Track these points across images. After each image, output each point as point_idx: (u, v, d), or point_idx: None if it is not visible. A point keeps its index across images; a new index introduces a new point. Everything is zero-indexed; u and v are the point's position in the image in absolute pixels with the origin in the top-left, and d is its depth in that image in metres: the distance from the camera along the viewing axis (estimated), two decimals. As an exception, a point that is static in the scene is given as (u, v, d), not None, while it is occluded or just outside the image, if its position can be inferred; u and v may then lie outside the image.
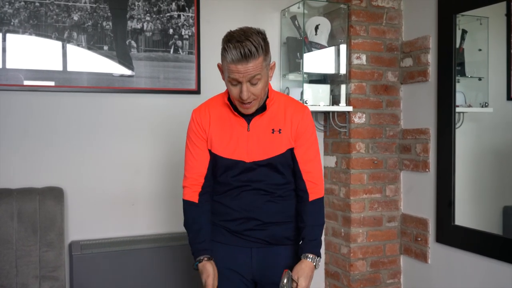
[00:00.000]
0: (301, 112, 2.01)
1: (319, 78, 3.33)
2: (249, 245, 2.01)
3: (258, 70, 1.81)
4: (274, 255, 2.02)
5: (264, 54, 1.84)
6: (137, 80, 2.96)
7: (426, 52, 3.03)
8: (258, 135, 1.96)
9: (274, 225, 2.00)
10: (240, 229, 2.00)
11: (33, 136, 2.78)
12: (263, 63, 1.84)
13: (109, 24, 2.90)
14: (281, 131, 1.97)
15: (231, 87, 1.87)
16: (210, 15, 3.10)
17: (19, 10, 2.72)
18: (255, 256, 2.02)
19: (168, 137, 3.03)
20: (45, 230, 2.62)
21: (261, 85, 1.86)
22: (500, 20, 2.79)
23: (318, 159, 2.06)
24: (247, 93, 1.83)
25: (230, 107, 1.98)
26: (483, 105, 2.85)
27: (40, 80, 2.77)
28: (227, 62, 1.80)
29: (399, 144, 3.27)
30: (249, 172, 1.96)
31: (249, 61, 1.78)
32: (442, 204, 2.92)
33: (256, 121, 1.97)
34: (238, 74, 1.80)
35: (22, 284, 2.56)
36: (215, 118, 2.00)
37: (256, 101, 1.89)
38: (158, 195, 3.04)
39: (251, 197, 1.98)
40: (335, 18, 3.24)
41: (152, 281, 2.85)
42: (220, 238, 2.05)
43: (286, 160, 1.99)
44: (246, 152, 1.96)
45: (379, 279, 3.24)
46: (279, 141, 1.96)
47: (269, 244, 2.01)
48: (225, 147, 1.97)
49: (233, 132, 1.97)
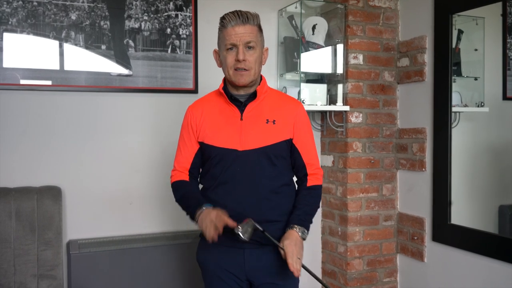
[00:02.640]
0: (298, 106, 2.08)
1: (316, 77, 3.34)
2: (241, 246, 1.98)
3: (253, 38, 1.95)
4: (267, 255, 2.00)
5: (258, 29, 1.99)
6: (134, 80, 2.96)
7: (422, 52, 3.04)
8: (252, 124, 1.99)
9: (268, 224, 1.95)
10: (231, 229, 1.95)
11: (31, 135, 2.78)
12: (258, 35, 1.99)
13: (107, 23, 2.91)
14: (276, 122, 2.00)
15: (227, 56, 1.96)
16: (208, 15, 3.10)
17: (17, 9, 2.72)
18: (248, 257, 2.00)
19: (165, 137, 3.04)
20: (43, 229, 2.63)
21: (256, 55, 1.97)
22: (496, 20, 2.80)
23: (316, 151, 2.13)
24: (243, 54, 1.93)
25: (224, 95, 2.03)
26: (479, 104, 2.87)
27: (37, 80, 2.77)
28: (225, 29, 1.95)
29: (395, 144, 3.28)
30: (242, 162, 1.96)
31: (246, 25, 1.94)
32: (438, 203, 2.93)
33: (249, 111, 2.00)
34: (235, 36, 1.92)
35: (20, 283, 2.56)
36: (208, 111, 2.06)
37: (250, 72, 1.96)
38: (156, 194, 3.05)
39: (243, 192, 1.97)
40: (332, 18, 3.25)
41: (150, 279, 2.86)
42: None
43: (280, 151, 2.00)
44: (239, 141, 1.97)
45: (376, 278, 3.26)
46: (274, 132, 1.99)
47: (262, 245, 1.99)
48: (218, 137, 2.00)
49: (227, 122, 2.01)
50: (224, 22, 1.95)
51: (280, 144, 1.99)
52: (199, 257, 2.15)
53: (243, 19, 1.93)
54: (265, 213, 1.98)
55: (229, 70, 1.97)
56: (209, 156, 2.03)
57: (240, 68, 1.94)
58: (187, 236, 2.98)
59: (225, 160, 1.98)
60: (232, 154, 1.97)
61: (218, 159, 1.99)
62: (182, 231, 3.05)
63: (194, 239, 2.96)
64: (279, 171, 2.01)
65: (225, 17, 1.95)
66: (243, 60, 1.93)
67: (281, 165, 2.02)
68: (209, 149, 2.02)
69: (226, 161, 1.98)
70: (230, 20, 1.93)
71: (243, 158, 1.96)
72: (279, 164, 2.01)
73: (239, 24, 1.93)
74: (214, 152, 2.00)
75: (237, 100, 2.02)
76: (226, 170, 1.98)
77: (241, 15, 1.93)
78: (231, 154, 1.97)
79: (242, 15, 1.93)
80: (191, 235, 2.99)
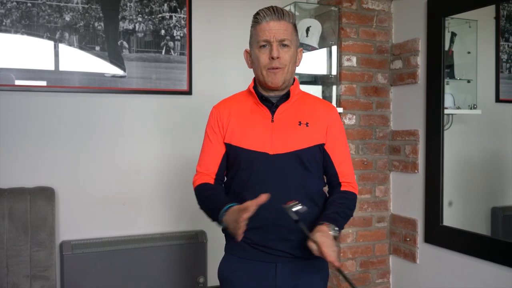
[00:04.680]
0: (332, 110, 1.94)
1: (310, 79, 3.35)
2: (274, 259, 1.81)
3: (289, 35, 1.81)
4: (302, 270, 1.83)
5: (294, 27, 1.86)
6: (128, 81, 2.97)
7: (415, 55, 3.05)
8: (283, 126, 1.83)
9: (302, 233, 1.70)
10: (263, 241, 1.80)
11: (24, 135, 2.78)
12: (293, 34, 1.85)
13: (101, 24, 2.91)
14: (309, 125, 1.84)
15: (259, 54, 1.82)
16: (204, 17, 3.11)
17: (11, 10, 2.73)
18: (280, 272, 1.81)
19: (159, 138, 3.04)
20: (36, 230, 2.63)
21: (290, 53, 1.83)
22: (489, 23, 2.82)
23: (351, 161, 1.96)
24: (277, 52, 1.79)
25: (254, 96, 1.88)
26: (472, 107, 2.88)
27: (32, 80, 2.77)
28: (258, 25, 1.81)
29: (388, 145, 3.30)
30: (273, 166, 1.80)
31: (281, 21, 1.80)
32: (431, 204, 2.95)
33: (280, 112, 1.85)
34: (269, 32, 1.79)
35: (13, 283, 2.56)
36: (236, 111, 1.90)
37: (283, 70, 1.82)
38: (149, 195, 3.05)
39: (275, 198, 1.68)
40: (326, 20, 3.26)
41: (142, 280, 2.86)
42: (240, 253, 1.85)
43: (313, 155, 1.84)
44: (270, 144, 1.81)
45: (369, 279, 3.27)
46: (307, 134, 1.83)
47: (296, 258, 1.81)
48: (247, 139, 1.83)
49: (257, 123, 1.85)
50: (258, 17, 1.82)
51: (313, 148, 1.84)
52: (223, 274, 1.92)
53: (279, 15, 1.80)
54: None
55: (262, 70, 1.82)
56: (236, 159, 1.86)
57: (274, 67, 1.80)
58: (180, 237, 2.99)
59: (255, 164, 1.81)
60: (262, 157, 1.80)
61: (247, 162, 1.82)
62: (175, 232, 3.05)
63: (188, 240, 2.97)
64: (313, 177, 1.85)
65: (260, 12, 1.82)
66: (277, 58, 1.79)
67: (315, 170, 1.86)
68: (237, 151, 1.85)
69: (256, 165, 1.81)
70: (265, 15, 1.80)
71: (274, 162, 1.80)
72: (313, 169, 1.84)
73: (274, 20, 1.79)
74: (242, 155, 1.83)
75: (268, 101, 1.87)
76: (256, 174, 1.80)
77: (276, 10, 1.80)
78: (261, 158, 1.80)
79: (278, 11, 1.80)
80: (183, 236, 3.00)
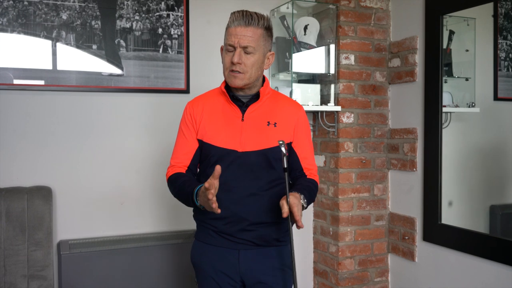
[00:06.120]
0: (300, 109, 2.07)
1: (308, 78, 3.35)
2: (236, 246, 1.98)
3: (254, 43, 1.90)
4: (262, 256, 2.00)
5: (265, 32, 1.94)
6: (126, 79, 2.96)
7: (413, 53, 3.05)
8: (253, 125, 1.97)
9: (263, 225, 1.97)
10: (227, 230, 1.97)
11: (21, 135, 2.77)
12: (261, 40, 1.93)
13: (98, 23, 2.90)
14: (277, 125, 1.98)
15: (225, 56, 1.95)
16: (200, 15, 3.10)
17: (7, 9, 2.71)
18: (243, 258, 1.99)
19: (157, 137, 3.03)
20: (34, 230, 2.62)
21: (253, 60, 1.92)
22: (487, 21, 2.81)
23: (313, 156, 2.13)
24: (239, 57, 1.89)
25: (226, 95, 2.00)
26: (470, 105, 2.88)
27: (30, 79, 2.76)
28: (229, 28, 1.92)
29: (387, 144, 3.29)
30: (241, 163, 1.94)
31: (248, 27, 1.89)
32: (429, 203, 2.94)
33: (250, 112, 1.98)
34: (235, 38, 1.89)
35: (10, 283, 2.56)
36: (209, 108, 2.02)
37: (244, 76, 1.93)
38: (147, 194, 3.04)
39: (241, 193, 1.95)
40: (324, 19, 3.26)
41: (140, 280, 2.86)
42: (207, 239, 2.03)
43: (279, 154, 1.92)
44: (239, 142, 1.95)
45: (367, 278, 3.26)
46: (275, 134, 1.97)
47: (257, 246, 1.99)
48: (218, 136, 1.97)
49: (227, 122, 1.98)
50: (229, 20, 1.93)
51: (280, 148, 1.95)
52: (194, 258, 2.11)
53: (247, 20, 1.89)
54: (262, 215, 1.97)
55: (225, 71, 1.96)
56: (207, 155, 1.99)
57: (235, 71, 1.92)
58: (179, 236, 2.98)
59: (224, 161, 1.94)
60: (231, 154, 1.94)
61: (217, 158, 1.96)
62: (174, 231, 3.05)
63: (185, 239, 2.96)
64: (277, 174, 1.99)
65: (231, 15, 1.92)
66: (237, 63, 1.90)
67: (280, 168, 1.97)
68: (208, 148, 1.98)
69: (225, 162, 1.93)
70: (234, 19, 1.90)
71: (242, 159, 1.94)
72: (278, 167, 1.97)
73: (242, 25, 1.89)
74: (213, 152, 1.97)
75: (238, 100, 2.00)
76: (224, 170, 1.88)
77: (245, 15, 1.89)
78: (230, 155, 1.94)
79: (247, 16, 1.89)
80: (182, 235, 2.99)
